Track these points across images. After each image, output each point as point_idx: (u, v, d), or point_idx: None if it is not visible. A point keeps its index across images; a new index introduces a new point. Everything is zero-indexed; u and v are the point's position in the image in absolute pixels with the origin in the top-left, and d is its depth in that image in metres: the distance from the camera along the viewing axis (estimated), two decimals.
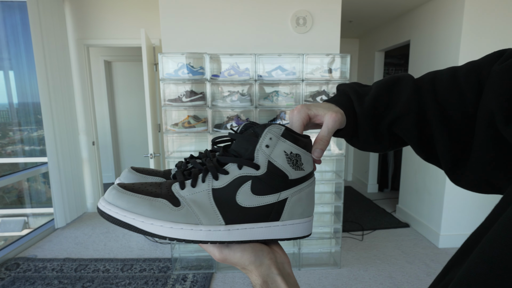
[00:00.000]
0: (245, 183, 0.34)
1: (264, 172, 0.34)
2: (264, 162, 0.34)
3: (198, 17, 2.34)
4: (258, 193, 0.34)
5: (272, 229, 0.35)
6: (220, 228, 0.33)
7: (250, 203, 0.34)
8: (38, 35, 2.70)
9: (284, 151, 0.34)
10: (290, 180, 0.35)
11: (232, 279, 2.17)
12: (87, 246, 2.66)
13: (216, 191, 0.34)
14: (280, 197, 0.35)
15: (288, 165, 0.34)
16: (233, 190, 0.33)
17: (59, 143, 2.95)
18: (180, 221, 0.32)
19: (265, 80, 2.20)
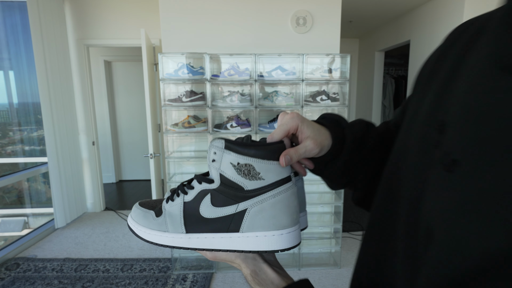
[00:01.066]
0: (205, 196, 0.36)
1: (219, 185, 0.36)
2: (216, 175, 0.36)
3: (198, 17, 2.34)
4: (217, 205, 0.36)
5: (233, 240, 0.36)
6: (181, 236, 0.38)
7: (210, 214, 0.36)
8: (38, 35, 2.70)
9: (231, 162, 0.35)
10: (246, 190, 0.35)
11: (232, 279, 2.17)
12: (87, 246, 2.66)
13: (186, 204, 0.38)
14: (238, 209, 0.35)
15: (239, 176, 0.35)
16: (197, 202, 0.37)
17: (59, 143, 2.95)
18: (155, 228, 0.39)
19: (265, 80, 2.20)
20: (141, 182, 4.68)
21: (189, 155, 2.39)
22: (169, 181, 2.31)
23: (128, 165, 4.79)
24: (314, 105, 2.22)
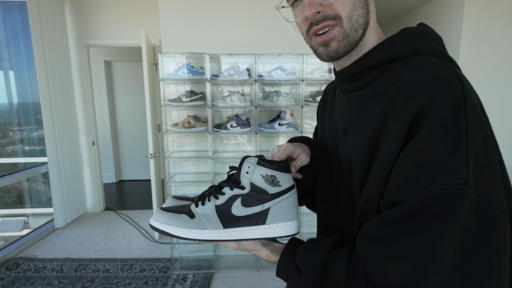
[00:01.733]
0: (237, 199, 0.49)
1: (249, 191, 0.49)
2: (247, 183, 0.49)
3: (198, 17, 2.34)
4: (247, 206, 0.49)
5: (261, 230, 0.49)
6: (220, 231, 0.49)
7: (241, 213, 0.49)
8: (38, 35, 2.70)
9: (261, 174, 0.48)
10: (270, 194, 0.49)
11: (232, 279, 2.17)
12: (87, 246, 2.66)
13: (218, 206, 0.50)
14: (264, 207, 0.49)
15: (266, 184, 0.49)
16: (229, 205, 0.49)
17: (59, 143, 2.95)
18: (193, 227, 0.49)
19: (265, 80, 2.20)
20: (141, 182, 4.68)
21: (189, 155, 2.39)
22: (169, 181, 2.31)
23: (128, 165, 4.79)
24: (314, 105, 2.22)
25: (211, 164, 2.25)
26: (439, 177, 0.35)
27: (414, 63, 0.43)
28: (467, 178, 0.34)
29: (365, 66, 0.49)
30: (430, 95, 0.37)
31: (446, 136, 0.36)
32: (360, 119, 0.49)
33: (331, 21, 0.47)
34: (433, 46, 0.46)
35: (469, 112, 0.36)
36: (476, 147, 0.36)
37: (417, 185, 0.36)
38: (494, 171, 0.37)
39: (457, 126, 0.36)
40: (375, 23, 0.52)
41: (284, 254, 0.50)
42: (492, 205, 0.35)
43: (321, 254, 0.45)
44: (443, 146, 0.36)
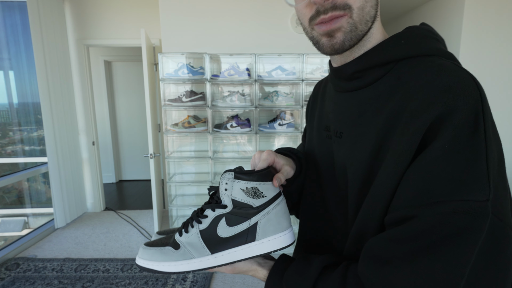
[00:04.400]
0: (221, 220, 0.45)
1: (231, 208, 0.45)
2: (228, 201, 0.45)
3: (198, 17, 2.34)
4: (232, 225, 0.45)
5: (252, 248, 0.45)
6: (208, 258, 0.45)
7: (228, 233, 0.45)
8: (38, 35, 2.70)
9: (241, 188, 0.44)
10: (255, 207, 0.44)
11: (232, 279, 2.17)
12: (87, 246, 2.66)
13: (202, 231, 0.45)
14: (251, 223, 0.45)
15: (248, 198, 0.44)
16: (214, 227, 0.45)
17: (59, 143, 2.95)
18: (179, 259, 0.45)
19: (265, 80, 2.20)
20: (141, 182, 4.68)
21: (189, 155, 2.39)
22: (169, 181, 2.31)
23: (128, 165, 4.79)
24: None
25: (211, 164, 2.25)
26: (458, 193, 0.32)
27: (425, 65, 0.39)
28: (489, 195, 0.31)
29: (369, 64, 0.44)
30: (447, 102, 0.34)
31: (465, 147, 0.32)
32: (358, 123, 0.45)
33: (340, 11, 0.41)
34: (439, 47, 0.43)
35: (488, 122, 0.34)
36: (494, 160, 0.33)
37: (431, 200, 0.33)
38: (504, 185, 0.34)
39: (477, 136, 0.33)
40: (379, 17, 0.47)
41: (271, 277, 0.46)
42: (504, 223, 0.33)
43: (310, 278, 0.41)
44: (462, 157, 0.32)
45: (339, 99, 0.50)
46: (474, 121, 0.33)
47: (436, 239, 0.31)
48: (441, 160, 0.33)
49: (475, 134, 0.33)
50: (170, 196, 2.35)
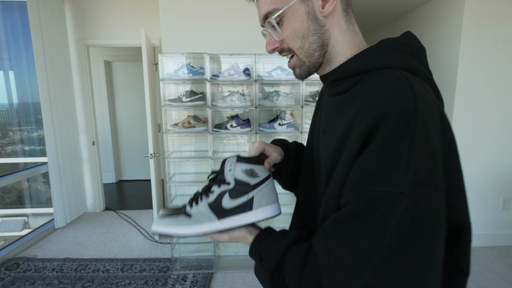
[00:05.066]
0: (225, 194, 0.57)
1: (234, 185, 0.57)
2: (231, 179, 0.57)
3: (198, 17, 2.34)
4: (234, 198, 0.57)
5: (249, 216, 0.57)
6: (216, 223, 0.57)
7: (231, 205, 0.57)
8: (38, 35, 2.70)
9: (241, 169, 0.57)
10: (252, 185, 0.57)
11: (232, 279, 2.17)
12: (87, 246, 2.66)
13: (210, 203, 0.58)
14: (249, 197, 0.57)
15: (246, 177, 0.57)
16: (219, 200, 0.57)
17: (59, 143, 2.95)
18: (193, 224, 0.57)
19: (265, 80, 2.20)
20: (141, 182, 4.68)
21: (189, 155, 2.39)
22: (169, 181, 2.31)
23: (128, 165, 4.79)
24: (314, 105, 2.22)
25: (211, 164, 2.25)
26: (379, 185, 0.39)
27: (381, 76, 0.47)
28: (403, 188, 0.38)
29: (341, 75, 0.54)
30: (383, 109, 0.41)
31: (391, 149, 0.40)
32: (335, 123, 0.54)
33: (288, 52, 0.56)
34: (405, 60, 0.49)
35: (418, 128, 0.40)
36: (418, 162, 0.39)
37: (362, 189, 0.40)
38: (434, 184, 0.40)
39: (403, 140, 0.39)
40: (346, 34, 0.54)
41: (254, 243, 0.56)
42: (428, 213, 0.38)
43: (281, 247, 0.49)
44: (387, 157, 0.40)
45: (328, 102, 0.60)
46: (405, 127, 0.40)
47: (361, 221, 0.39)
48: (372, 158, 0.41)
49: (402, 139, 0.39)
50: (170, 196, 2.35)
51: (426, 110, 0.42)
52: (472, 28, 2.34)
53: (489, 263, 2.36)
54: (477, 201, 2.59)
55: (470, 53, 2.37)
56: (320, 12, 0.52)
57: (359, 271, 0.38)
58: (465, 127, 2.46)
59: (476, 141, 2.49)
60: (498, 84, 2.42)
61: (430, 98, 0.44)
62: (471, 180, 2.55)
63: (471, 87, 2.40)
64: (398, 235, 0.37)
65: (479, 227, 2.62)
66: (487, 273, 2.23)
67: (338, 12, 0.53)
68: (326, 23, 0.53)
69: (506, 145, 2.51)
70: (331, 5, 0.51)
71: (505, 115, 2.47)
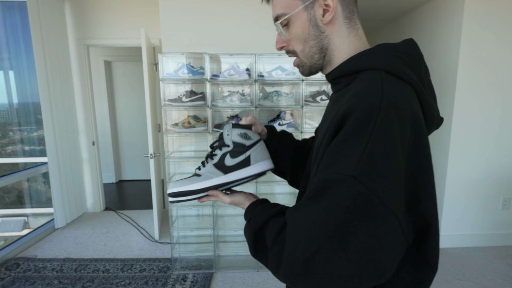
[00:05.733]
0: (226, 155, 0.67)
1: (232, 147, 0.68)
2: (230, 142, 0.68)
3: (198, 17, 2.34)
4: (234, 157, 0.67)
5: (249, 169, 0.68)
6: (222, 177, 0.67)
7: (232, 163, 0.67)
8: (38, 35, 2.70)
9: (237, 133, 0.68)
10: (247, 146, 0.68)
11: (232, 279, 2.17)
12: (87, 246, 2.66)
13: (215, 164, 0.68)
14: (246, 155, 0.68)
15: (242, 139, 0.68)
16: (222, 160, 0.67)
17: (59, 143, 2.95)
18: (204, 180, 0.67)
19: (265, 80, 2.20)
20: (141, 182, 4.68)
21: (189, 155, 2.39)
22: (169, 181, 2.31)
23: (128, 165, 4.79)
24: (314, 105, 2.22)
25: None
26: (335, 168, 0.45)
27: (363, 76, 0.53)
28: (355, 172, 0.42)
29: (338, 74, 0.60)
30: (353, 103, 0.47)
31: (352, 138, 0.45)
32: (327, 119, 0.60)
33: (291, 53, 0.65)
34: (391, 63, 0.53)
35: (379, 123, 0.44)
36: (373, 153, 0.43)
37: (324, 171, 0.47)
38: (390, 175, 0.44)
39: (363, 132, 0.44)
40: (346, 39, 0.59)
41: (249, 207, 0.64)
42: (379, 199, 0.42)
43: (268, 214, 0.56)
44: (347, 145, 0.45)
45: (331, 99, 0.67)
46: (367, 121, 0.44)
47: (317, 196, 0.45)
48: (336, 145, 0.47)
49: (363, 130, 0.44)
50: None
51: (392, 108, 0.45)
52: (472, 28, 2.34)
53: (489, 263, 2.36)
54: (477, 201, 2.59)
55: (470, 53, 2.37)
56: (320, 20, 0.58)
57: (311, 236, 0.43)
58: (465, 127, 2.46)
59: (476, 141, 2.49)
60: (498, 84, 2.42)
61: (402, 99, 0.48)
62: (471, 180, 2.55)
63: (471, 87, 2.40)
64: (346, 213, 0.42)
65: (479, 227, 2.63)
66: (487, 273, 2.23)
67: (339, 20, 0.58)
68: (326, 29, 0.59)
69: (506, 145, 2.51)
70: (330, 15, 0.57)
71: (505, 115, 2.47)
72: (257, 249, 0.57)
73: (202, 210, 2.46)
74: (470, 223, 2.61)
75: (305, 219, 0.46)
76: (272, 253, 0.51)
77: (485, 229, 2.63)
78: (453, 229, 2.62)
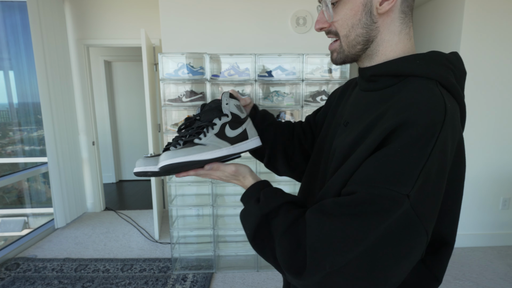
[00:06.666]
0: (226, 126, 0.64)
1: (231, 118, 0.64)
2: (228, 112, 0.64)
3: (198, 17, 2.34)
4: (234, 128, 0.65)
5: (249, 143, 0.66)
6: (229, 147, 0.63)
7: (233, 134, 0.64)
8: (38, 35, 2.70)
9: (234, 104, 0.66)
10: (242, 118, 0.66)
11: (232, 279, 2.17)
12: (87, 246, 2.66)
13: (217, 133, 0.63)
14: (243, 128, 0.66)
15: (238, 111, 0.66)
16: (223, 130, 0.63)
17: (59, 143, 2.95)
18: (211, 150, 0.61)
19: (265, 80, 2.20)
20: (141, 182, 4.68)
21: None
22: (169, 181, 2.31)
23: (128, 165, 4.79)
24: (314, 105, 2.22)
25: None
26: (390, 183, 0.41)
27: (417, 84, 0.48)
28: (410, 192, 0.40)
29: (381, 72, 0.54)
30: (412, 114, 0.43)
31: (411, 154, 0.41)
32: (361, 118, 0.54)
33: (333, 35, 0.57)
34: (447, 76, 0.49)
35: (439, 143, 0.42)
36: (429, 173, 0.41)
37: (372, 183, 0.42)
38: (435, 198, 0.43)
39: (424, 149, 0.41)
40: (396, 36, 0.54)
41: (255, 184, 0.60)
42: (420, 221, 0.41)
43: (282, 198, 0.53)
44: (404, 160, 0.42)
45: (359, 96, 0.61)
46: (429, 137, 0.41)
47: (362, 210, 0.42)
48: (389, 157, 0.43)
49: (424, 147, 0.41)
50: (170, 196, 2.35)
51: (450, 130, 0.43)
52: (472, 28, 2.34)
53: (489, 263, 2.36)
54: (477, 201, 2.59)
55: (470, 53, 2.37)
56: (376, 8, 0.51)
57: (344, 251, 0.41)
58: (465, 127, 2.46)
59: (476, 141, 2.49)
60: (498, 84, 2.42)
61: (457, 121, 0.46)
62: (471, 180, 2.55)
63: (471, 87, 2.40)
64: (389, 231, 0.40)
65: (479, 227, 2.63)
66: (487, 273, 2.23)
67: (395, 13, 0.52)
68: (378, 20, 0.52)
69: (506, 145, 2.52)
70: (389, 4, 0.50)
71: (505, 115, 2.47)
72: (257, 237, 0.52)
73: (202, 210, 2.46)
74: (470, 223, 2.61)
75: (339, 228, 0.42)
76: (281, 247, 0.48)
77: (485, 229, 2.63)
78: None
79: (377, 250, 0.41)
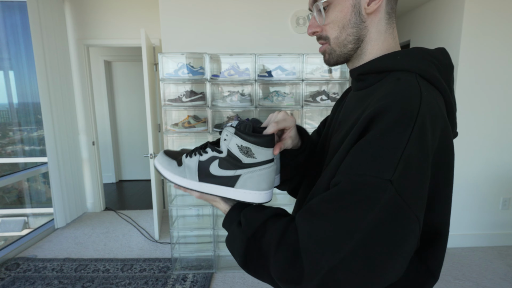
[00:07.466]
0: (215, 160, 0.54)
1: (225, 155, 0.53)
2: (225, 149, 0.53)
3: (198, 17, 2.34)
4: (222, 168, 0.54)
5: (229, 191, 0.55)
6: (195, 183, 0.56)
7: (217, 173, 0.54)
8: (38, 35, 2.70)
9: (236, 143, 0.52)
10: (243, 163, 0.52)
11: (232, 279, 2.17)
12: (87, 246, 2.66)
13: (200, 162, 0.55)
14: (236, 173, 0.53)
15: (239, 153, 0.52)
16: (208, 163, 0.55)
17: (59, 143, 2.95)
18: (177, 173, 0.58)
19: (265, 80, 2.20)
20: (141, 182, 4.68)
21: None
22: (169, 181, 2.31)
23: (128, 165, 4.79)
24: (314, 105, 2.22)
25: None
26: (370, 169, 0.41)
27: (397, 76, 0.51)
28: (392, 177, 0.40)
29: (367, 70, 0.57)
30: (388, 102, 0.44)
31: (389, 139, 0.42)
32: (350, 116, 0.57)
33: (323, 40, 0.59)
34: (427, 68, 0.51)
35: (417, 128, 0.42)
36: (410, 158, 0.41)
37: (354, 172, 0.43)
38: (420, 183, 0.43)
39: (402, 134, 0.42)
40: (382, 35, 0.57)
41: (233, 208, 0.57)
42: (408, 206, 0.41)
43: (264, 215, 0.51)
44: (383, 146, 0.42)
45: (351, 97, 0.63)
46: (404, 123, 0.42)
47: (346, 200, 0.42)
48: (368, 145, 0.43)
49: (402, 133, 0.42)
50: (170, 196, 2.35)
51: (428, 115, 0.44)
52: (472, 28, 2.34)
53: (489, 263, 2.36)
54: (477, 201, 2.59)
55: (470, 53, 2.37)
56: (364, 8, 0.54)
57: (339, 245, 0.41)
58: (465, 127, 2.46)
59: (476, 141, 2.49)
60: (497, 83, 2.42)
61: (436, 107, 0.46)
62: (471, 180, 2.55)
63: (471, 87, 2.40)
64: (378, 220, 0.40)
65: (479, 227, 2.63)
66: (487, 273, 2.23)
67: (382, 13, 0.56)
68: (367, 19, 0.56)
69: (506, 145, 2.51)
70: (376, 4, 0.54)
71: (505, 115, 2.47)
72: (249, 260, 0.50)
73: (202, 210, 2.46)
74: (470, 223, 2.61)
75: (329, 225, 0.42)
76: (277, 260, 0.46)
77: (485, 229, 2.63)
78: (453, 229, 2.62)
79: (370, 239, 0.40)
